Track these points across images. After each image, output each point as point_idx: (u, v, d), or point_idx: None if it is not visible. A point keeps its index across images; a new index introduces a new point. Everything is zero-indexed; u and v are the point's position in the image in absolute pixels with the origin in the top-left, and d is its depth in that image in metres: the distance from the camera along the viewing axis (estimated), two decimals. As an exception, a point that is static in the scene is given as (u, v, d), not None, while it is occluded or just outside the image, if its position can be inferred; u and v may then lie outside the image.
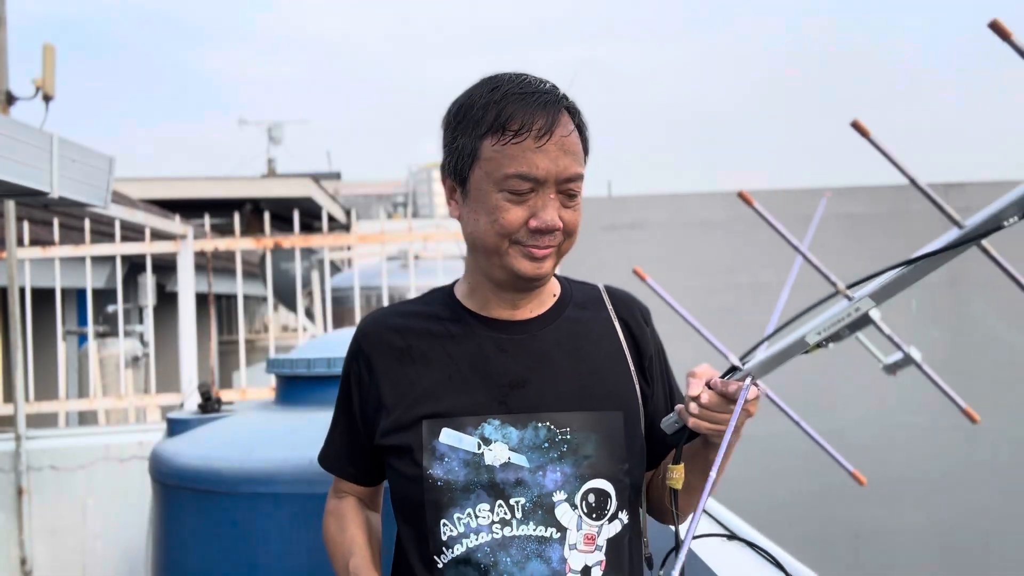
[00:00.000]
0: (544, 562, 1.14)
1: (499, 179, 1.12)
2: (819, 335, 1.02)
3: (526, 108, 1.11)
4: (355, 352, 1.28)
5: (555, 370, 1.21)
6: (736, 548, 1.85)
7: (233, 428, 2.13)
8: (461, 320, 1.24)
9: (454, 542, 1.15)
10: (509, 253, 1.15)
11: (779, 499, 5.96)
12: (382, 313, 1.31)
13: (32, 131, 2.25)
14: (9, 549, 3.86)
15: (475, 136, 1.14)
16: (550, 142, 1.11)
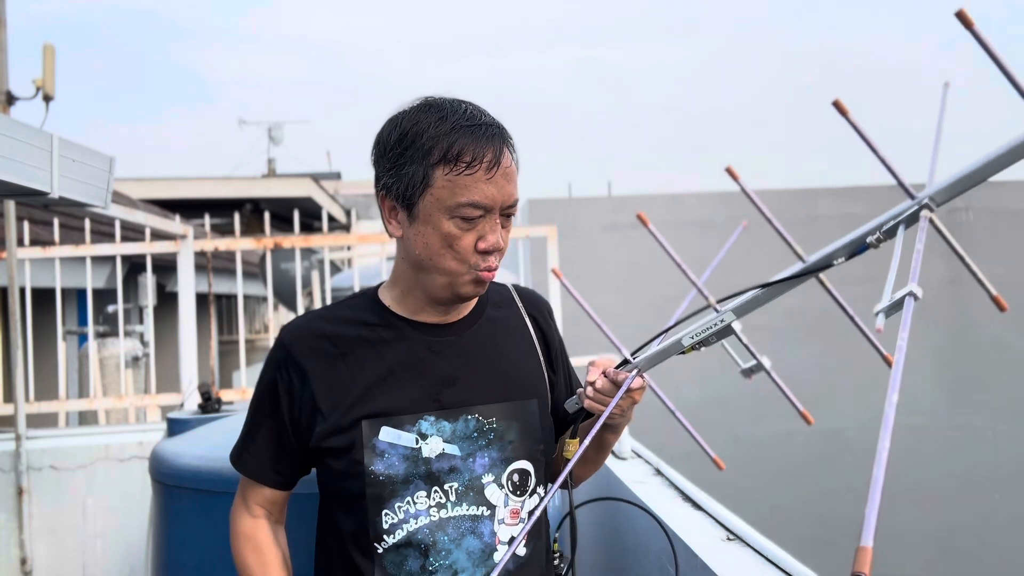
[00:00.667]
0: (477, 537, 1.28)
1: (452, 207, 1.20)
2: (692, 339, 1.19)
3: (476, 141, 1.20)
4: (283, 359, 1.32)
5: (480, 367, 1.33)
6: (736, 548, 1.85)
7: (233, 428, 2.12)
8: (391, 325, 1.33)
9: (395, 528, 1.26)
10: (464, 278, 1.25)
11: (779, 499, 5.96)
12: (307, 320, 1.36)
13: (32, 131, 2.25)
14: (9, 549, 3.86)
15: (425, 165, 1.21)
16: (498, 173, 1.21)
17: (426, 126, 1.21)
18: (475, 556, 1.28)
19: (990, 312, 7.27)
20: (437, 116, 1.22)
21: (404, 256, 1.30)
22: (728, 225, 6.63)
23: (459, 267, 1.24)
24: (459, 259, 1.23)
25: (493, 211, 1.22)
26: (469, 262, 1.23)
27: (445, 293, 1.28)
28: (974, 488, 6.55)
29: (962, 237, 8.16)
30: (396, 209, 1.27)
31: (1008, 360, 6.52)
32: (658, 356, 1.25)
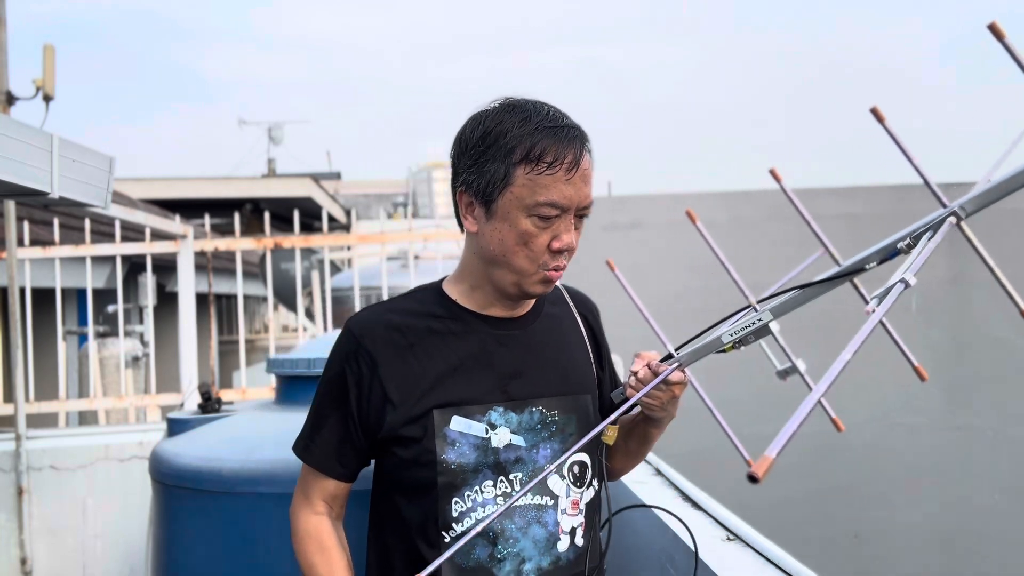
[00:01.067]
0: (542, 526, 1.32)
1: (530, 205, 1.24)
2: (731, 336, 1.21)
3: (558, 142, 1.24)
4: (353, 350, 1.34)
5: (543, 361, 1.38)
6: (736, 548, 1.85)
7: (233, 428, 2.13)
8: (459, 318, 1.36)
9: (463, 516, 1.29)
10: (534, 277, 1.29)
11: (779, 499, 5.96)
12: (375, 311, 1.38)
13: (32, 131, 2.25)
14: (9, 549, 3.86)
15: (507, 163, 1.25)
16: (577, 174, 1.24)
17: (510, 126, 1.25)
18: (540, 544, 1.32)
19: (990, 312, 7.27)
20: (521, 116, 1.26)
21: (476, 251, 1.34)
22: (728, 225, 6.62)
23: (530, 265, 1.28)
24: (531, 257, 1.27)
25: (569, 211, 1.26)
26: (540, 261, 1.27)
27: (513, 290, 1.31)
28: (974, 488, 6.55)
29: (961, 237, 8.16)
30: (473, 205, 1.30)
31: (1008, 360, 6.51)
32: (699, 352, 1.28)
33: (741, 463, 2.86)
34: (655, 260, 6.34)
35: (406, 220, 4.98)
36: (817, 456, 6.85)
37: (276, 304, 7.25)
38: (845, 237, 5.70)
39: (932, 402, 6.65)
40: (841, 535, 6.39)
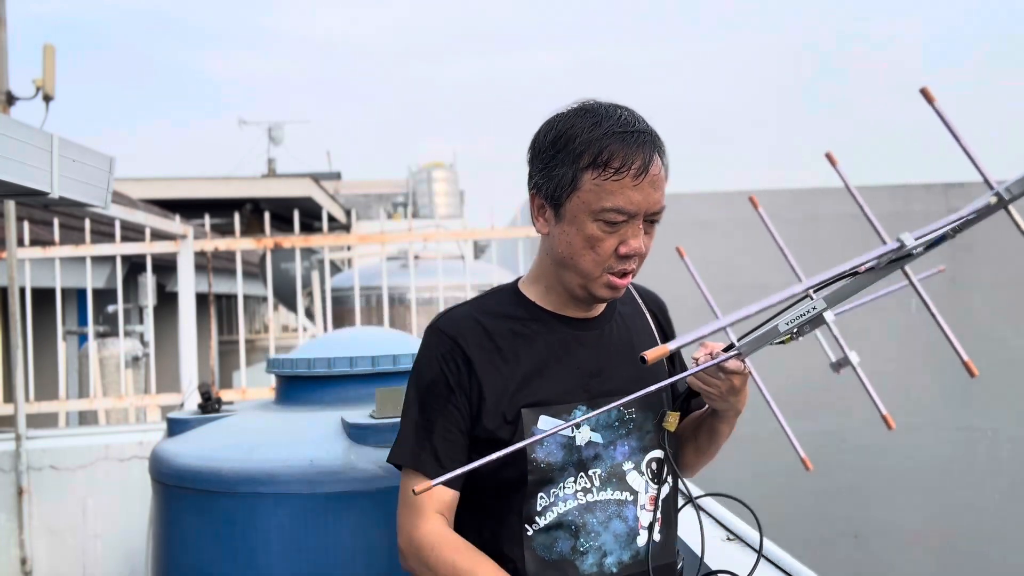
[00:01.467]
0: (623, 520, 1.34)
1: (597, 210, 1.25)
2: (787, 325, 1.20)
3: (627, 147, 1.24)
4: (449, 351, 1.34)
5: (619, 359, 1.39)
6: (736, 548, 1.85)
7: (233, 428, 2.13)
8: (539, 319, 1.38)
9: (545, 511, 1.31)
10: (599, 280, 1.30)
11: (779, 499, 5.96)
12: (461, 312, 1.39)
13: (32, 131, 2.24)
14: (9, 549, 3.86)
15: (575, 168, 1.26)
16: (645, 180, 1.24)
17: (580, 130, 1.26)
18: (621, 539, 1.34)
19: (990, 312, 7.27)
20: (591, 121, 1.27)
21: (548, 252, 1.36)
22: (728, 225, 6.62)
23: (595, 269, 1.29)
24: (598, 261, 1.28)
25: (637, 217, 1.26)
26: (606, 264, 1.29)
27: (580, 292, 1.33)
28: (974, 488, 6.55)
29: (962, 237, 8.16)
30: (545, 207, 1.32)
31: (1008, 360, 6.51)
32: (758, 342, 1.27)
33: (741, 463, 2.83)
34: (655, 258, 6.34)
35: (406, 220, 4.98)
36: (817, 456, 6.82)
37: (276, 304, 7.25)
38: (845, 237, 5.72)
39: (932, 402, 6.65)
40: (841, 535, 6.40)
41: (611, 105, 1.30)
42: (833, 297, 1.17)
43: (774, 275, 1.48)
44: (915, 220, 1.10)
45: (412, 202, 17.40)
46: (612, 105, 1.30)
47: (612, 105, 1.30)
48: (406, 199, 17.80)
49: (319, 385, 2.18)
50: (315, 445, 1.90)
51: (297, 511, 1.84)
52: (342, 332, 2.58)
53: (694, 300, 1.43)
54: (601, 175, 1.24)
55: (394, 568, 1.82)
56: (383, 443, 1.86)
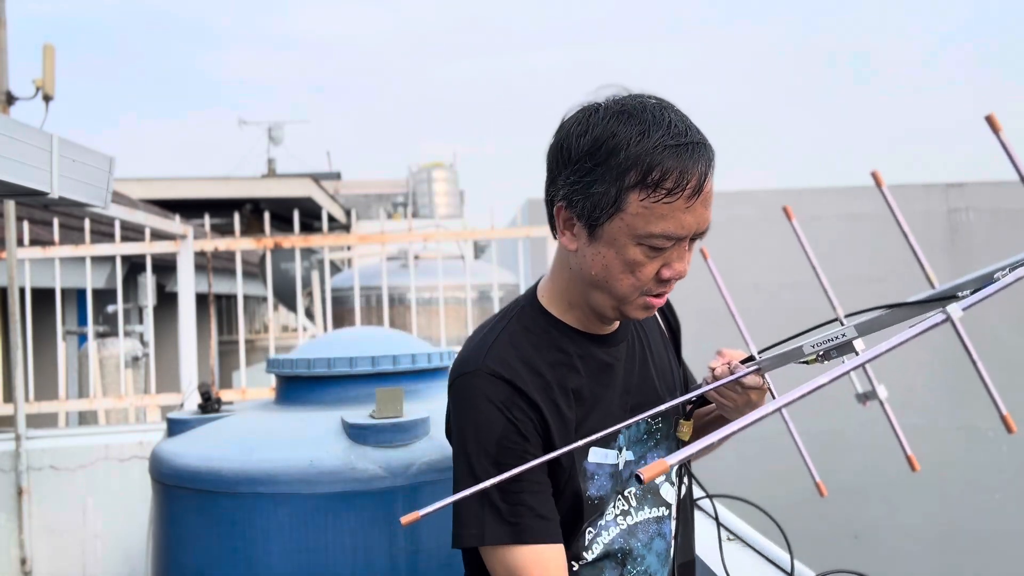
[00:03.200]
0: (662, 538, 1.28)
1: (642, 235, 1.09)
2: (814, 348, 1.16)
3: (682, 163, 1.06)
4: (509, 396, 1.15)
5: (645, 370, 1.31)
6: (736, 548, 1.85)
7: (233, 428, 2.13)
8: (574, 341, 1.24)
9: (592, 544, 1.22)
10: (635, 303, 1.16)
11: (779, 499, 5.96)
12: (504, 348, 1.20)
13: (32, 131, 2.24)
14: (9, 549, 3.86)
15: (619, 186, 1.08)
16: (698, 200, 1.08)
17: (624, 141, 1.07)
18: (662, 557, 1.28)
19: (990, 312, 7.32)
20: (638, 129, 1.07)
21: (575, 269, 1.19)
22: (728, 225, 6.62)
23: (633, 293, 1.15)
24: (636, 286, 1.14)
25: (686, 239, 1.11)
26: (644, 288, 1.14)
27: (612, 314, 1.20)
28: (975, 488, 6.55)
29: (962, 237, 8.15)
30: (574, 222, 1.15)
31: (1009, 360, 6.52)
32: (780, 359, 1.22)
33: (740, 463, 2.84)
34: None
35: (406, 220, 4.98)
36: (817, 456, 6.83)
37: (276, 304, 7.25)
38: (845, 237, 5.73)
39: (933, 402, 6.65)
40: (841, 535, 6.39)
41: (656, 105, 1.11)
42: (865, 326, 1.11)
43: (773, 275, 1.47)
44: (915, 220, 1.10)
45: (412, 202, 17.39)
46: (657, 105, 1.11)
47: (657, 105, 1.11)
48: (406, 199, 17.80)
49: (319, 385, 2.18)
50: (315, 445, 1.89)
51: (297, 511, 1.84)
52: (342, 332, 2.58)
53: (695, 300, 1.43)
54: (651, 196, 1.06)
55: (394, 568, 1.82)
56: (383, 443, 1.86)
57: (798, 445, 1.28)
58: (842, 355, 1.14)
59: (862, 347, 1.10)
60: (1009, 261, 1.01)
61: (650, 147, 1.06)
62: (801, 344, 1.16)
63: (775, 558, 1.85)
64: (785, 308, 5.32)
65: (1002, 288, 0.97)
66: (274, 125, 18.95)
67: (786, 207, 1.28)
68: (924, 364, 6.43)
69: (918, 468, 1.11)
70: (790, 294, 5.96)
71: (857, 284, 5.72)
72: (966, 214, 7.13)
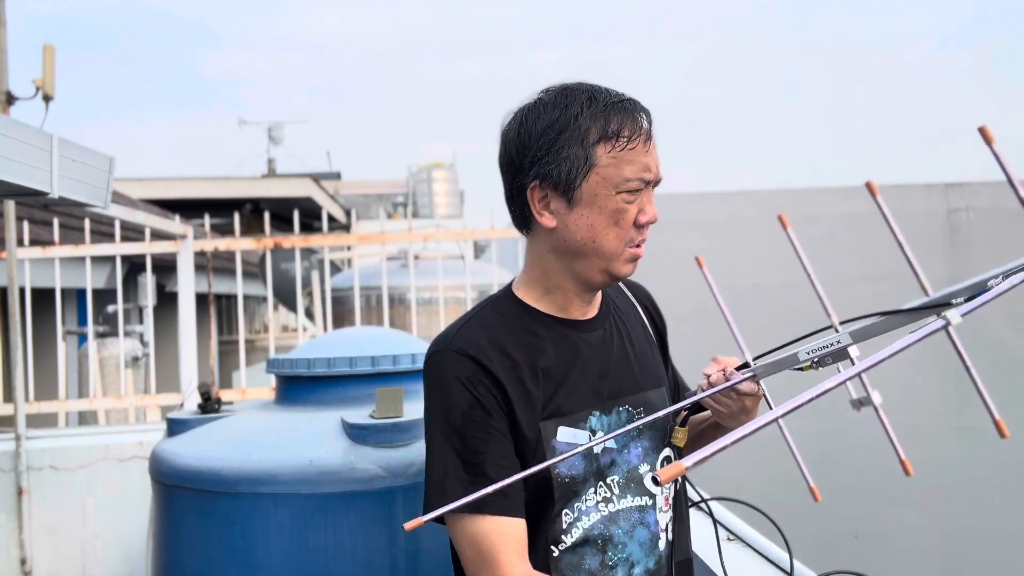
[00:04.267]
0: (645, 527, 1.30)
1: (619, 182, 1.22)
2: (808, 355, 1.17)
3: (629, 115, 1.22)
4: (474, 372, 1.22)
5: (623, 358, 1.35)
6: (736, 548, 1.85)
7: (233, 428, 2.13)
8: (546, 326, 1.31)
9: (571, 527, 1.25)
10: (622, 257, 1.25)
11: (779, 500, 5.95)
12: (475, 332, 1.27)
13: (32, 131, 2.25)
14: (9, 549, 3.86)
15: (586, 145, 1.21)
16: (652, 145, 1.24)
17: (577, 109, 1.22)
18: (646, 546, 1.30)
19: (990, 312, 7.28)
20: (585, 97, 1.23)
21: (553, 248, 1.27)
22: (728, 225, 6.62)
23: (619, 246, 1.24)
24: (621, 236, 1.24)
25: (651, 182, 1.25)
26: (627, 237, 1.24)
27: (600, 277, 1.27)
28: (974, 488, 6.55)
29: (962, 237, 8.16)
30: (549, 198, 1.24)
31: (1008, 360, 6.51)
32: (775, 366, 1.24)
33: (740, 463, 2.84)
34: (655, 260, 6.34)
35: (406, 220, 4.98)
36: (817, 456, 6.83)
37: (276, 304, 7.25)
38: (845, 237, 5.71)
39: (932, 402, 6.65)
40: (841, 535, 6.39)
41: (587, 83, 1.27)
42: (860, 333, 1.14)
43: (772, 275, 1.47)
44: (915, 220, 1.10)
45: (412, 202, 17.40)
46: (588, 83, 1.27)
47: (588, 83, 1.27)
48: (406, 199, 17.80)
49: (319, 385, 2.18)
50: (315, 445, 1.90)
51: (297, 511, 1.84)
52: (342, 332, 2.58)
53: (692, 300, 1.43)
54: (616, 146, 1.21)
55: (394, 568, 1.82)
56: (383, 443, 1.86)
57: (793, 452, 1.27)
58: (837, 362, 1.16)
59: (857, 354, 1.12)
60: (1003, 269, 1.02)
61: (600, 107, 1.22)
62: (796, 351, 1.18)
63: (775, 558, 1.85)
64: (785, 308, 5.32)
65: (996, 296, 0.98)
66: (274, 125, 18.97)
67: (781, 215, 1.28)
68: (924, 364, 6.43)
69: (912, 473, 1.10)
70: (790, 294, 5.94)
71: (856, 284, 5.73)
72: (966, 214, 7.14)
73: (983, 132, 0.98)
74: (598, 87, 1.26)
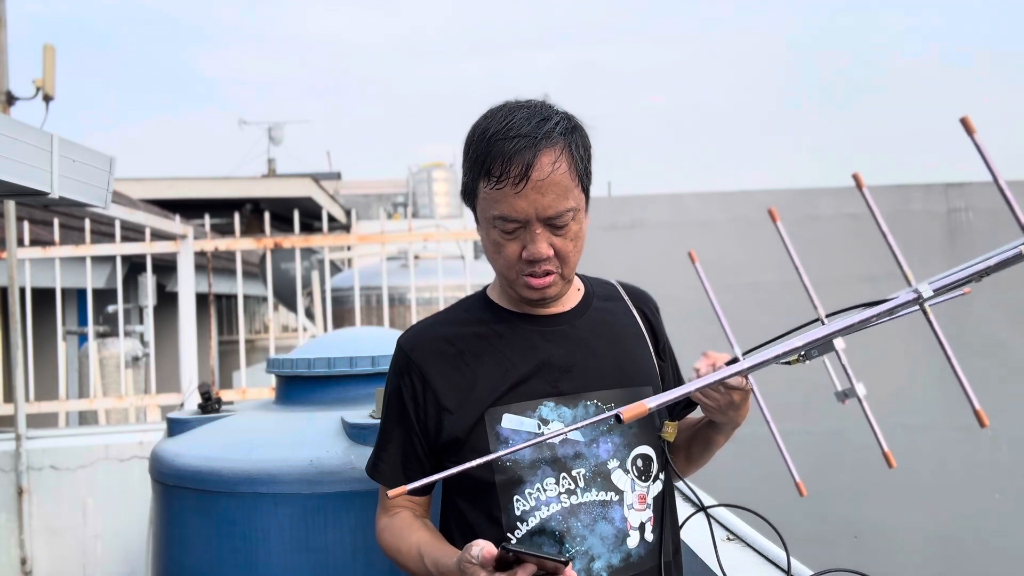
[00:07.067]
0: (608, 522, 1.30)
1: (490, 218, 1.26)
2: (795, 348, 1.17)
3: (504, 154, 1.20)
4: (404, 366, 1.37)
5: (595, 354, 1.36)
6: (736, 548, 1.85)
7: (233, 428, 2.13)
8: (504, 320, 1.37)
9: (527, 515, 1.28)
10: (517, 283, 1.30)
11: (779, 499, 5.95)
12: (424, 325, 1.41)
13: (32, 131, 2.24)
14: (9, 549, 3.86)
15: (473, 176, 1.27)
16: (527, 187, 1.20)
17: (473, 138, 1.26)
18: (608, 541, 1.30)
19: (990, 312, 7.30)
20: (483, 127, 1.25)
21: None
22: (728, 225, 6.62)
23: (510, 272, 1.29)
24: (508, 265, 1.28)
25: (530, 223, 1.23)
26: (515, 268, 1.28)
27: (511, 291, 1.34)
28: (974, 488, 6.55)
29: (962, 237, 8.16)
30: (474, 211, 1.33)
31: (1008, 360, 6.51)
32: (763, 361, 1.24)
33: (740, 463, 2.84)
34: (655, 261, 6.34)
35: (406, 220, 4.99)
36: (817, 456, 6.85)
37: (276, 304, 7.25)
38: (845, 237, 5.70)
39: (932, 402, 6.65)
40: (841, 535, 6.39)
41: (515, 105, 1.26)
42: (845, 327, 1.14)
43: (772, 275, 1.47)
44: (915, 220, 1.10)
45: (412, 202, 17.39)
46: (516, 105, 1.26)
47: (516, 105, 1.26)
48: (406, 199, 17.79)
49: (319, 385, 2.18)
50: (315, 445, 1.89)
51: (297, 511, 1.84)
52: (342, 332, 2.58)
53: (691, 299, 1.43)
54: (488, 183, 1.23)
55: (394, 568, 1.82)
56: (383, 443, 1.86)
57: (779, 445, 1.28)
58: (823, 354, 1.18)
59: (842, 346, 1.14)
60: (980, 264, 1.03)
61: (485, 141, 1.23)
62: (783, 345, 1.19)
63: (775, 558, 1.85)
64: (785, 307, 5.31)
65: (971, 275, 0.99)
66: (274, 125, 18.96)
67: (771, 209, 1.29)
68: (923, 363, 6.43)
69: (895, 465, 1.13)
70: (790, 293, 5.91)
71: (856, 284, 5.73)
72: (966, 214, 7.13)
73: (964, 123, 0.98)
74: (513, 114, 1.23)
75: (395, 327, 3.77)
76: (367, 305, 6.17)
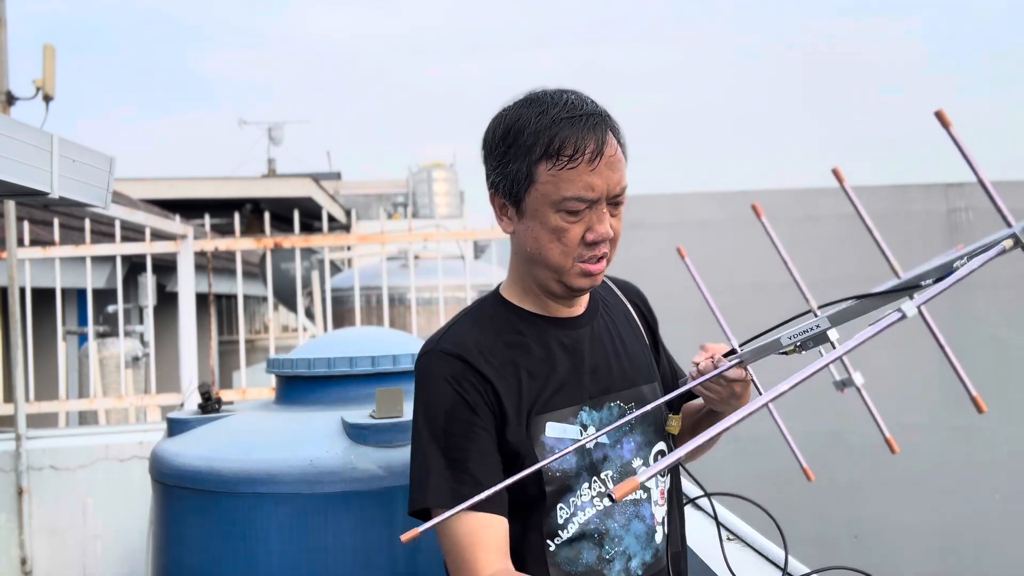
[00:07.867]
0: (641, 520, 1.31)
1: (557, 201, 1.20)
2: (790, 340, 1.20)
3: (577, 132, 1.19)
4: (460, 371, 1.25)
5: (612, 355, 1.36)
6: (736, 548, 1.85)
7: (233, 428, 2.13)
8: (530, 324, 1.33)
9: (568, 523, 1.26)
10: (572, 271, 1.25)
11: (779, 499, 5.95)
12: (459, 330, 1.31)
13: (32, 131, 2.24)
14: (9, 549, 3.86)
15: (528, 162, 1.21)
16: (601, 163, 1.20)
17: (527, 121, 1.22)
18: (642, 539, 1.31)
19: (990, 312, 7.30)
20: (538, 110, 1.22)
21: (518, 252, 1.32)
22: (728, 225, 6.62)
23: (566, 260, 1.24)
24: (566, 252, 1.23)
25: (600, 201, 1.21)
26: (575, 254, 1.23)
27: (557, 287, 1.28)
28: (974, 488, 6.55)
29: (962, 237, 8.16)
30: (506, 206, 1.28)
31: (1008, 360, 6.51)
32: (760, 352, 1.27)
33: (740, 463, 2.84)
34: (655, 260, 6.34)
35: (406, 220, 4.99)
36: (817, 456, 6.84)
37: (276, 304, 7.25)
38: (845, 237, 5.70)
39: (932, 402, 6.65)
40: (841, 535, 6.39)
41: (557, 91, 1.25)
42: (838, 316, 1.17)
43: (773, 275, 1.48)
44: (915, 220, 1.10)
45: (412, 202, 17.38)
46: (558, 91, 1.25)
47: (558, 91, 1.25)
48: (406, 199, 17.79)
49: (319, 385, 2.18)
50: (315, 445, 1.90)
51: (297, 511, 1.84)
52: (342, 332, 2.58)
53: (692, 299, 1.43)
54: (556, 164, 1.19)
55: (394, 568, 1.82)
56: (383, 443, 1.86)
57: (783, 432, 1.29)
58: (818, 345, 1.20)
59: (836, 336, 1.16)
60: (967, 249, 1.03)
61: (548, 122, 1.20)
62: (779, 336, 1.21)
63: (775, 558, 1.85)
64: (784, 307, 5.30)
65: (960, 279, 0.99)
66: (274, 125, 18.96)
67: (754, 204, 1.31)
68: (923, 363, 6.43)
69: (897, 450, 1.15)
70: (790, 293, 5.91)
71: (856, 284, 5.72)
72: (966, 214, 7.14)
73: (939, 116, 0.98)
74: (561, 97, 1.23)
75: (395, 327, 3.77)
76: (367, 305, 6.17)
